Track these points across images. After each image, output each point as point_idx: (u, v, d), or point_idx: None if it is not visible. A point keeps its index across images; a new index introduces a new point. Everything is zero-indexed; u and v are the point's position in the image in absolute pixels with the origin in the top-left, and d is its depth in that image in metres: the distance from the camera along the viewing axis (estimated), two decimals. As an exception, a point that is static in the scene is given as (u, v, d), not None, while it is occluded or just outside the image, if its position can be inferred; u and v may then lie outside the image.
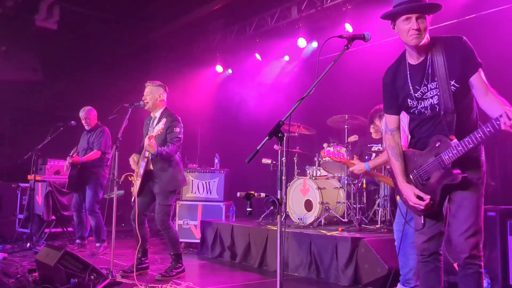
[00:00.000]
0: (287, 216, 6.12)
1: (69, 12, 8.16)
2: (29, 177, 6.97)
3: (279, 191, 2.50)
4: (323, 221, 5.81)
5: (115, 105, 4.97)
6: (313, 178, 6.05)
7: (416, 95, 2.66)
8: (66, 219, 7.10)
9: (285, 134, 2.57)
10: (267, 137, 2.49)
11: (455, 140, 2.50)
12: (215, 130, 9.36)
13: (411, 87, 2.67)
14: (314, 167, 6.49)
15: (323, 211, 5.79)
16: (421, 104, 2.65)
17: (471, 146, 2.42)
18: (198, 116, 9.37)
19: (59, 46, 8.57)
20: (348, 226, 5.50)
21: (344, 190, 5.89)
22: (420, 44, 2.55)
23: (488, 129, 2.34)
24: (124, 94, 7.91)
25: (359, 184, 5.81)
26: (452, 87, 2.53)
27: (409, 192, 2.67)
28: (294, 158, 6.63)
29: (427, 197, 2.59)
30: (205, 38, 9.19)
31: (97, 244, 6.23)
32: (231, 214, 6.83)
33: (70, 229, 7.23)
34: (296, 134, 6.49)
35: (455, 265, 4.36)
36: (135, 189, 4.82)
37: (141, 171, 4.77)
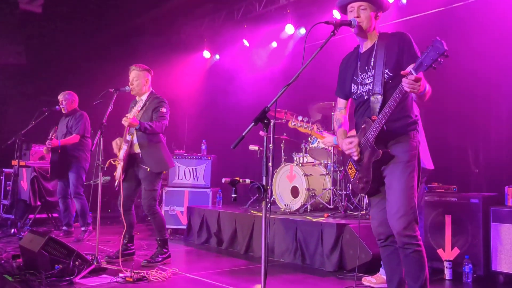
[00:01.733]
0: (274, 202, 6.15)
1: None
2: (13, 162, 6.87)
3: (264, 178, 2.50)
4: (309, 207, 5.84)
5: (100, 90, 4.90)
6: (300, 165, 6.06)
7: (358, 80, 2.89)
8: (51, 204, 7.06)
9: (272, 121, 2.56)
10: (253, 123, 2.49)
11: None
12: (202, 116, 9.31)
13: (355, 73, 2.91)
14: (301, 154, 6.51)
15: (309, 197, 5.82)
16: (360, 89, 2.87)
17: (384, 121, 2.62)
18: (185, 102, 9.31)
19: (43, 30, 8.41)
20: (334, 213, 5.54)
21: (330, 176, 5.92)
22: (362, 32, 2.81)
23: (392, 103, 2.58)
24: (109, 79, 7.81)
25: (345, 173, 5.83)
26: (385, 75, 2.73)
27: (343, 143, 2.91)
28: (281, 145, 6.64)
29: (355, 139, 2.82)
30: (193, 23, 9.09)
31: (83, 228, 6.21)
32: (218, 201, 6.84)
33: (55, 215, 7.19)
34: (283, 120, 6.45)
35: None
36: (117, 173, 4.78)
37: (123, 153, 4.73)
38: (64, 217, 6.50)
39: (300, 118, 4.38)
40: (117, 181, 4.79)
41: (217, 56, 9.15)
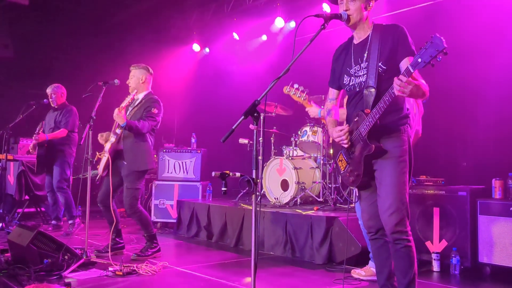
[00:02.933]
0: (264, 195, 6.16)
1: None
2: (0, 156, 6.81)
3: (254, 171, 2.50)
4: (299, 200, 5.86)
5: (88, 83, 4.86)
6: (290, 158, 6.07)
7: (350, 71, 2.87)
8: (39, 198, 7.01)
9: (261, 114, 2.56)
10: (243, 117, 2.49)
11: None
12: (192, 109, 9.28)
13: (348, 65, 2.89)
14: (291, 147, 6.52)
15: (299, 190, 5.84)
16: (352, 81, 2.86)
17: (378, 115, 2.61)
18: (175, 96, 9.26)
19: (30, 22, 8.31)
20: (323, 206, 5.57)
21: (320, 170, 5.94)
22: (353, 24, 2.80)
23: (387, 98, 2.55)
24: (98, 72, 7.75)
25: (335, 164, 5.85)
26: (379, 68, 2.71)
27: (333, 131, 2.91)
28: (271, 138, 6.65)
29: (345, 126, 2.82)
30: (182, 16, 9.03)
31: (70, 222, 6.17)
32: (208, 194, 6.83)
33: (43, 209, 7.13)
34: (273, 114, 6.48)
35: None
36: (100, 165, 4.73)
37: (108, 146, 4.68)
38: (52, 211, 6.46)
39: (296, 85, 4.35)
40: (99, 175, 4.76)
41: (207, 49, 9.12)
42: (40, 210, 7.14)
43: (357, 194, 3.02)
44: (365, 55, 2.79)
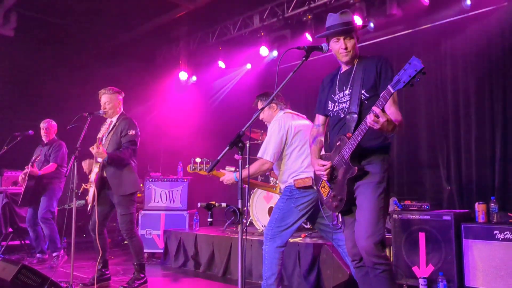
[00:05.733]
0: (251, 223, 6.14)
1: (27, 18, 7.95)
2: (-16, 188, 6.74)
3: (239, 201, 2.52)
4: (286, 228, 5.84)
5: (74, 114, 4.86)
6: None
7: (335, 98, 2.99)
8: (24, 231, 6.89)
9: (247, 143, 2.60)
10: (228, 147, 2.53)
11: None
12: (178, 137, 9.28)
13: (333, 92, 3.02)
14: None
15: (286, 218, 5.82)
16: (336, 107, 2.97)
17: (360, 137, 2.66)
18: (161, 124, 9.29)
19: (16, 53, 8.32)
20: (311, 233, 5.57)
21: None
22: (349, 59, 2.94)
23: (363, 126, 2.62)
24: (83, 103, 7.73)
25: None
26: (362, 95, 2.82)
27: (315, 163, 2.98)
28: (258, 166, 6.65)
29: (327, 163, 2.88)
30: (168, 45, 9.14)
31: (54, 254, 6.08)
32: (195, 223, 6.78)
33: (27, 241, 7.01)
34: (259, 141, 6.51)
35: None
36: (89, 196, 4.72)
37: (93, 176, 4.68)
38: (36, 245, 6.37)
39: (198, 160, 4.25)
40: (89, 205, 4.74)
41: (194, 78, 9.17)
42: (24, 243, 7.02)
43: (342, 220, 3.04)
44: (349, 83, 2.91)
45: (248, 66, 8.38)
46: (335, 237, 3.93)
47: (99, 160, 4.66)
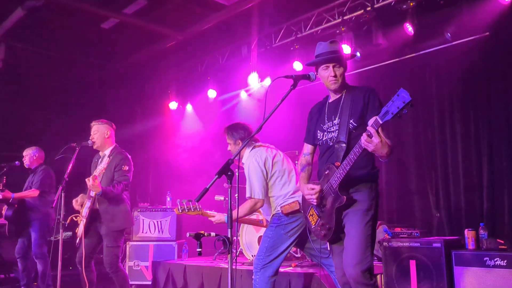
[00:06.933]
0: (241, 253, 6.07)
1: (15, 50, 7.98)
2: (-32, 220, 6.59)
3: (229, 230, 2.51)
4: (276, 257, 5.78)
5: (63, 144, 4.84)
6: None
7: (324, 127, 3.02)
8: (8, 264, 6.73)
9: (236, 170, 2.60)
10: (217, 176, 2.53)
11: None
12: (167, 167, 9.24)
13: (322, 121, 3.05)
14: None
15: (276, 247, 5.77)
16: (325, 136, 3.00)
17: (348, 167, 2.68)
18: (150, 154, 9.26)
19: (4, 84, 8.31)
20: (302, 262, 5.51)
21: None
22: (338, 87, 2.98)
23: (357, 150, 2.66)
24: (73, 133, 7.70)
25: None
26: (350, 124, 2.86)
27: (304, 187, 2.99)
28: (247, 194, 6.62)
29: (317, 187, 2.88)
30: (158, 76, 9.18)
31: (44, 291, 5.92)
32: (184, 253, 6.69)
33: (12, 275, 6.84)
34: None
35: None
36: (79, 230, 4.65)
37: (86, 211, 4.62)
38: (22, 278, 6.18)
39: (184, 201, 4.13)
40: (78, 238, 4.65)
41: (188, 107, 9.12)
42: (8, 276, 6.85)
43: (330, 249, 3.03)
44: (338, 112, 2.95)
45: (239, 93, 8.36)
46: (326, 262, 3.89)
47: (92, 194, 4.61)
